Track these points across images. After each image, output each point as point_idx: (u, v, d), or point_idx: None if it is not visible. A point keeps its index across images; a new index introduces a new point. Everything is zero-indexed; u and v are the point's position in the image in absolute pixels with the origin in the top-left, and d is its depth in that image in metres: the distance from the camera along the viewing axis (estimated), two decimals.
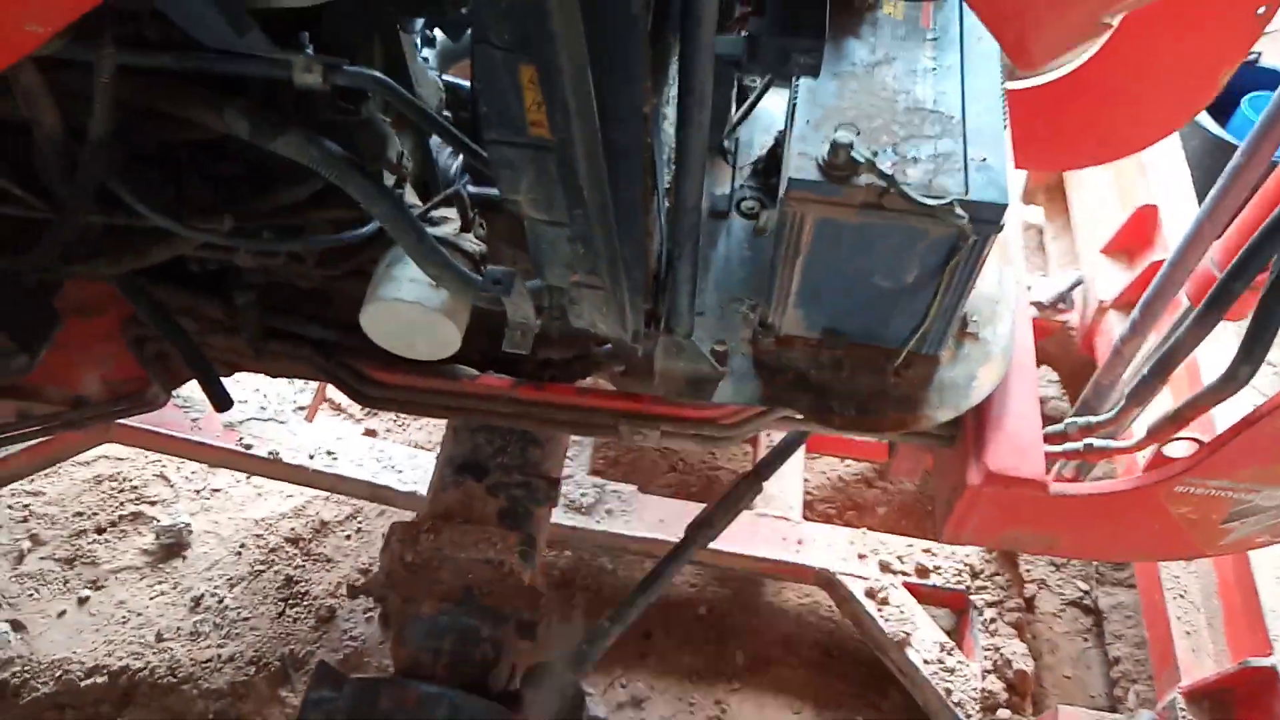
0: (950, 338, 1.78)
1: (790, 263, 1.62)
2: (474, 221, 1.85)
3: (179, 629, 2.96)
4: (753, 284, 1.94)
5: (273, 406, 2.92)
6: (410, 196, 1.65)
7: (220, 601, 3.03)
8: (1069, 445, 1.91)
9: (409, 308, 1.59)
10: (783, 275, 1.69)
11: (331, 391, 3.51)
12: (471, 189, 1.76)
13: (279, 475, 2.87)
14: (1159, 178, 3.08)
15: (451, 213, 1.68)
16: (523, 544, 1.87)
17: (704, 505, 2.91)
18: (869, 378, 1.81)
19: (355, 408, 3.50)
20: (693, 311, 1.69)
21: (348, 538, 3.20)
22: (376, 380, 1.93)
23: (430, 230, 1.54)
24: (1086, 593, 3.09)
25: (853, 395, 1.79)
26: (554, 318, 1.87)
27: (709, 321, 1.87)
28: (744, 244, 2.01)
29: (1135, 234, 3.10)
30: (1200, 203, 2.09)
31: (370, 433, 3.44)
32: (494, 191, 1.56)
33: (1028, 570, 3.05)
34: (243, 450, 2.80)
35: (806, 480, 3.25)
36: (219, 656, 2.89)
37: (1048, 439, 1.84)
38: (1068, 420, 1.95)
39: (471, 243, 1.70)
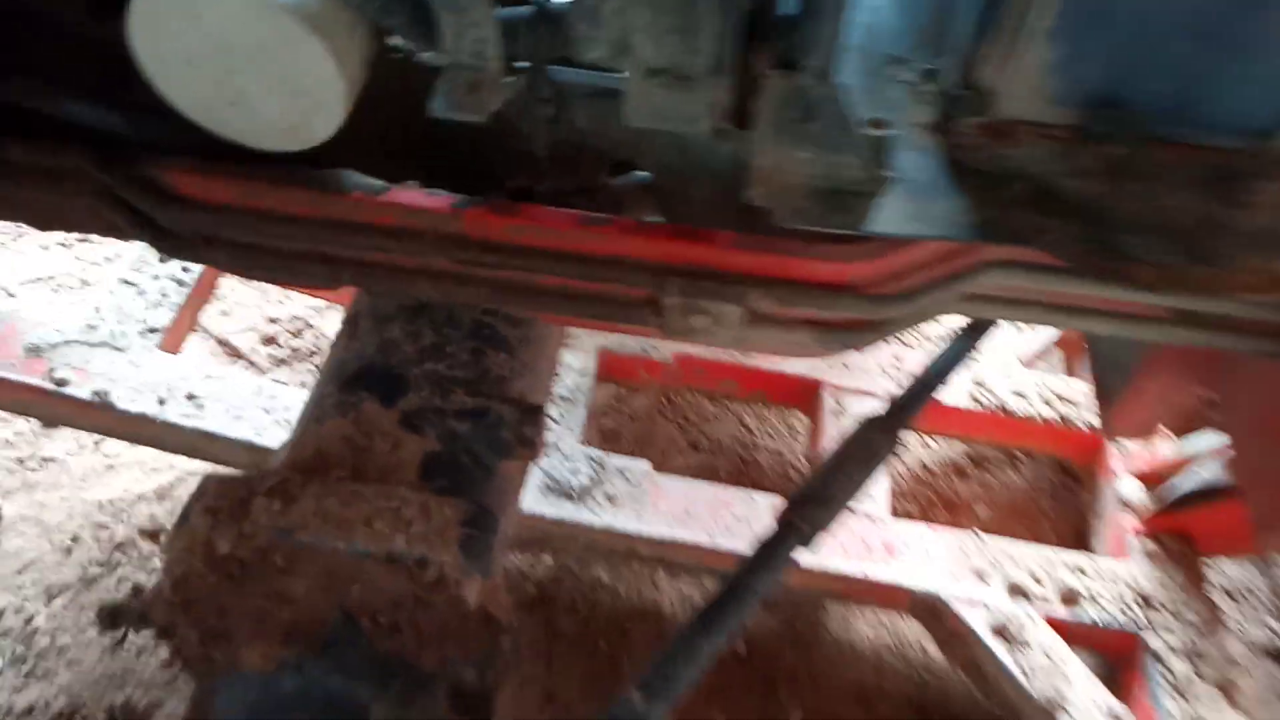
0: None
1: None
2: None
3: None
4: (918, 35, 1.02)
5: (109, 325, 1.95)
6: None
7: (28, 622, 2.04)
8: None
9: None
10: None
11: (212, 319, 2.54)
12: None
13: (108, 428, 1.89)
14: None
15: None
16: (469, 525, 0.93)
17: (750, 491, 1.98)
18: (1185, 198, 0.89)
19: (256, 347, 2.54)
20: (838, 31, 0.77)
21: None
22: (186, 199, 0.98)
23: None
24: None
25: (1157, 226, 0.87)
26: (540, 96, 0.95)
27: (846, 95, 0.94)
28: None
29: None
30: None
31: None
32: None
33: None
34: (52, 389, 1.82)
35: None
36: (10, 709, 1.90)
37: None
38: None
39: None
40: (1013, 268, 0.94)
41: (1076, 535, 2.36)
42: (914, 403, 1.22)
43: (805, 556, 1.45)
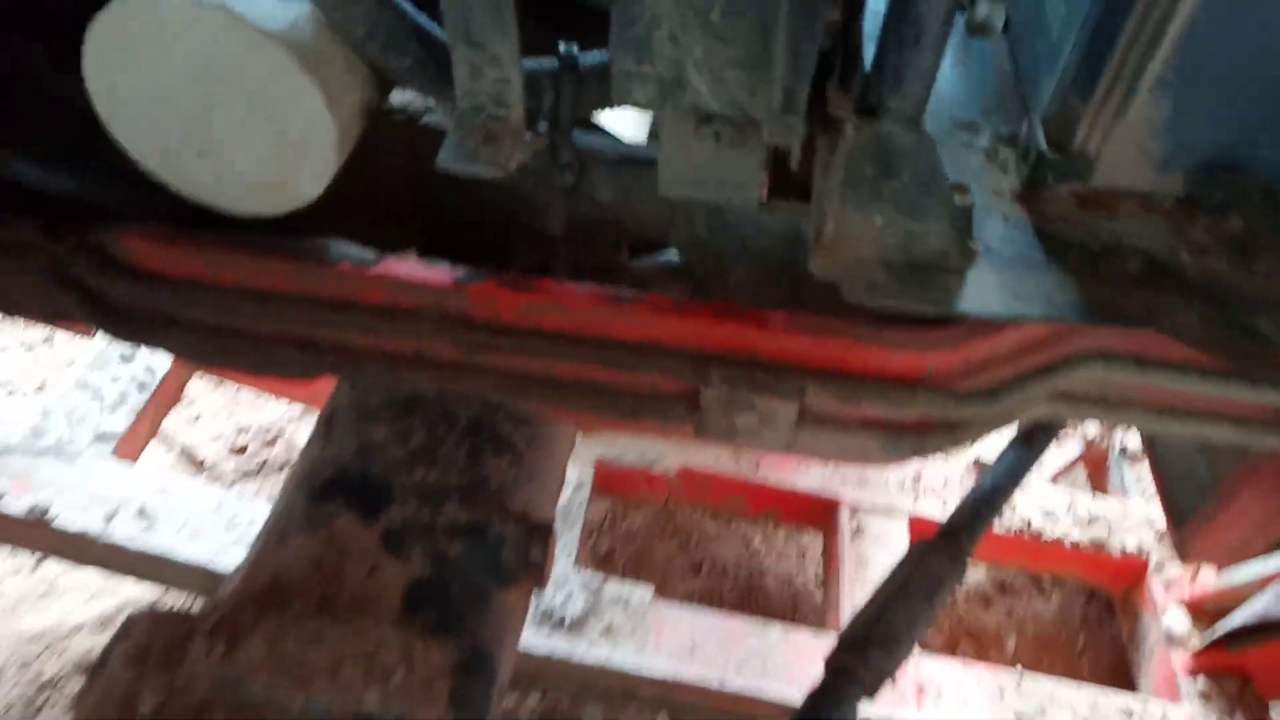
0: None
1: None
2: None
3: None
4: (989, 98, 0.91)
5: (58, 431, 1.76)
6: None
7: None
8: None
9: (210, 18, 0.55)
10: (1143, 14, 0.68)
11: (178, 425, 2.34)
12: None
13: (46, 547, 1.68)
14: None
15: None
16: (461, 671, 0.74)
17: (765, 620, 1.78)
18: None
19: (223, 457, 2.34)
20: (937, 67, 0.65)
21: None
22: (144, 272, 0.83)
23: None
24: None
25: None
26: (561, 162, 0.83)
27: None
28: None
29: None
30: None
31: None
32: None
33: None
34: None
35: None
36: None
37: None
38: None
39: None
40: (1115, 359, 0.80)
41: (1114, 671, 2.16)
42: (976, 523, 1.06)
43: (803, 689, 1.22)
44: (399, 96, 0.96)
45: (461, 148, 0.73)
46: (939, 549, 1.02)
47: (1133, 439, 2.41)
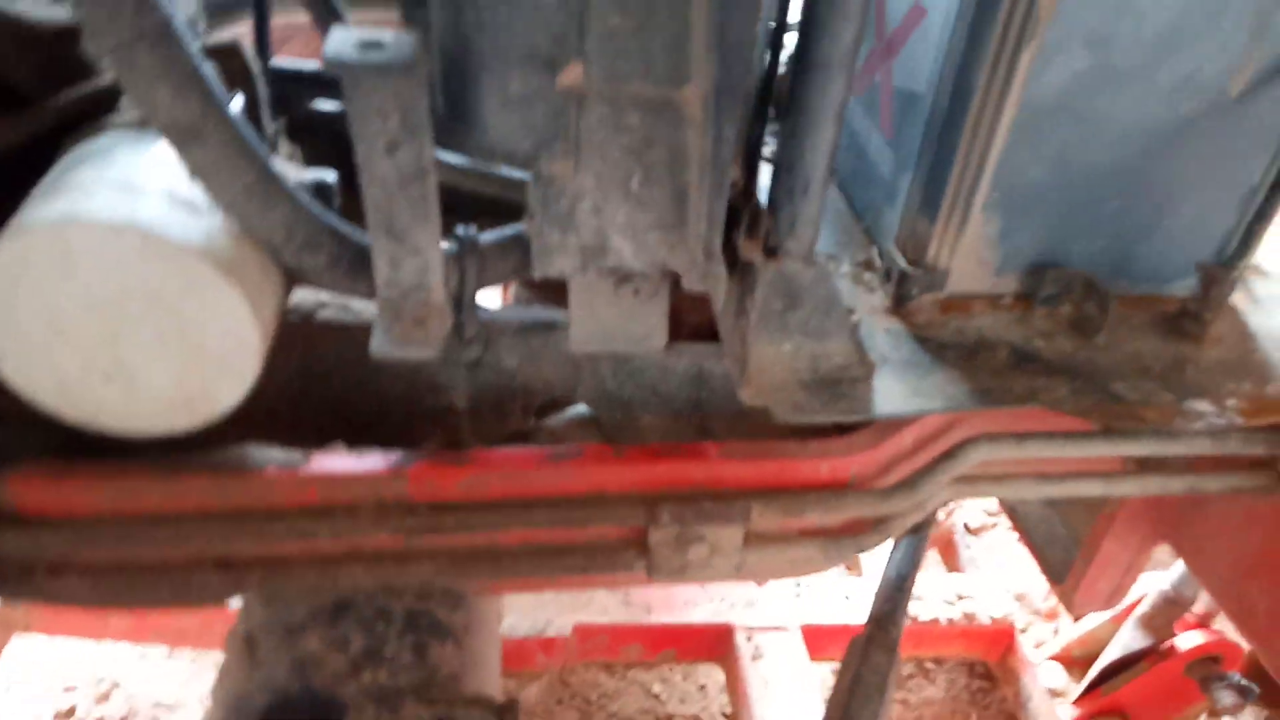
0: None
1: (991, 118, 0.76)
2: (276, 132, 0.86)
3: None
4: (845, 232, 1.03)
5: None
6: None
7: None
8: None
9: (125, 240, 0.56)
10: (965, 157, 0.82)
11: None
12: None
13: None
14: None
15: None
16: None
17: None
18: (1148, 342, 0.90)
19: None
20: (819, 211, 0.75)
21: None
22: (29, 517, 0.76)
23: None
24: None
25: (1141, 371, 0.87)
26: (465, 336, 0.86)
27: None
28: None
29: None
30: None
31: None
32: None
33: None
34: None
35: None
36: None
37: None
38: None
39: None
40: (999, 439, 0.90)
41: None
42: (897, 610, 1.12)
43: None
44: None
45: (391, 334, 0.74)
46: (875, 640, 1.07)
47: (973, 515, 2.61)
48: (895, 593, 1.16)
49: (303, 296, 0.95)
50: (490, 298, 1.36)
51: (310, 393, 0.96)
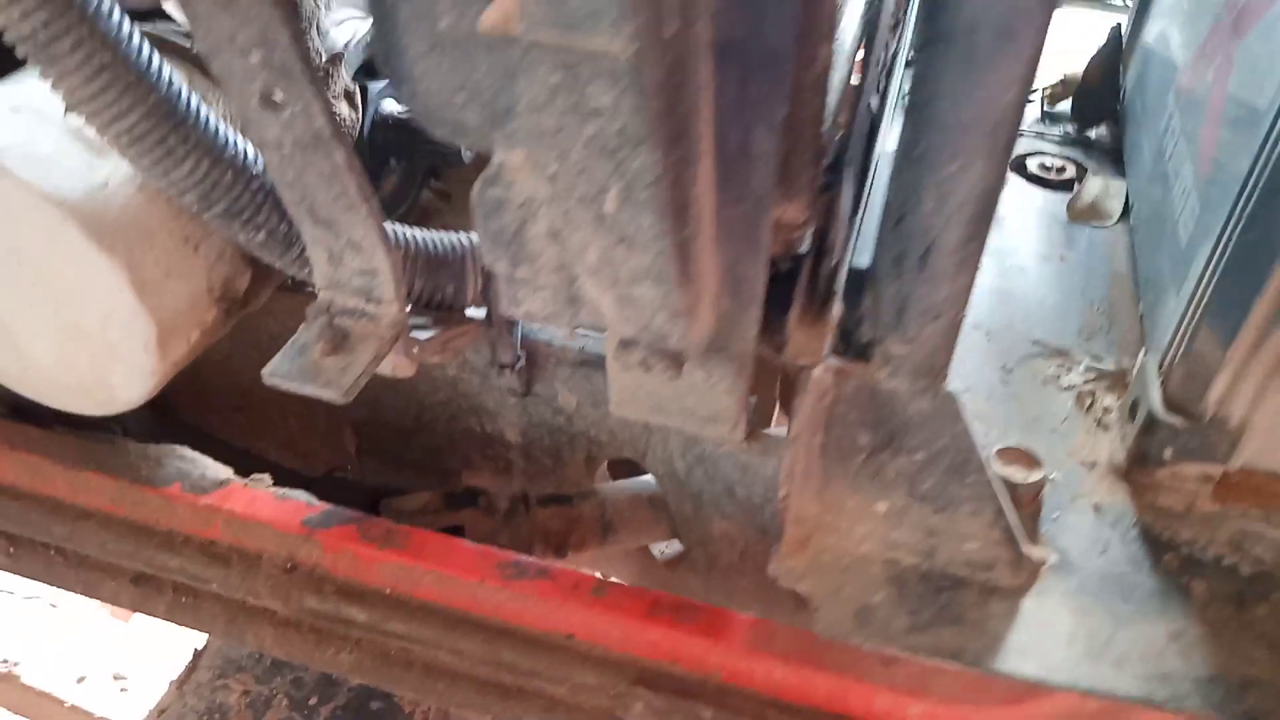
0: None
1: None
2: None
3: None
4: (1087, 319, 0.65)
5: None
6: None
7: None
8: None
9: None
10: None
11: None
12: None
13: None
14: None
15: None
16: None
17: None
18: None
19: None
20: (954, 301, 0.39)
21: None
22: None
23: None
24: None
25: None
26: (501, 361, 0.62)
27: None
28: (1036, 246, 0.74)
29: None
30: None
31: None
32: None
33: None
34: None
35: None
36: None
37: None
38: None
39: None
40: None
41: None
42: None
43: None
44: None
45: (299, 356, 0.53)
46: None
47: None
48: None
49: None
50: None
51: None
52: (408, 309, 0.56)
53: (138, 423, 0.75)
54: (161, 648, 1.85)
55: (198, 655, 0.75)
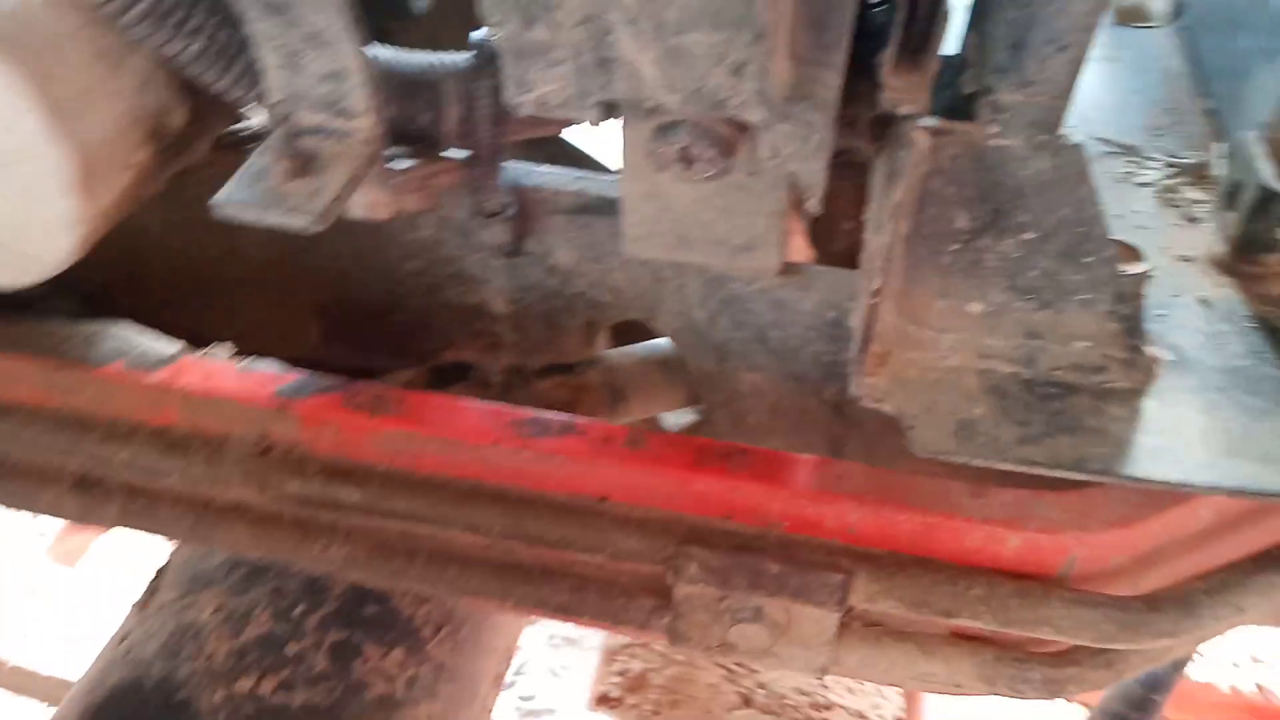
0: None
1: None
2: None
3: None
4: (1149, 117, 0.58)
5: None
6: None
7: None
8: None
9: None
10: None
11: None
12: None
13: None
14: None
15: None
16: None
17: None
18: None
19: None
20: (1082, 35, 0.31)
21: None
22: None
23: None
24: None
25: None
26: (488, 209, 0.52)
27: None
28: None
29: None
30: None
31: None
32: None
33: None
34: None
35: None
36: None
37: None
38: None
39: None
40: None
41: None
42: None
43: None
44: None
45: (256, 181, 0.43)
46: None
47: None
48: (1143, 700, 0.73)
49: None
50: None
51: (302, 259, 0.69)
52: (381, 130, 0.47)
53: (67, 315, 0.65)
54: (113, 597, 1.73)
55: (160, 573, 0.65)
